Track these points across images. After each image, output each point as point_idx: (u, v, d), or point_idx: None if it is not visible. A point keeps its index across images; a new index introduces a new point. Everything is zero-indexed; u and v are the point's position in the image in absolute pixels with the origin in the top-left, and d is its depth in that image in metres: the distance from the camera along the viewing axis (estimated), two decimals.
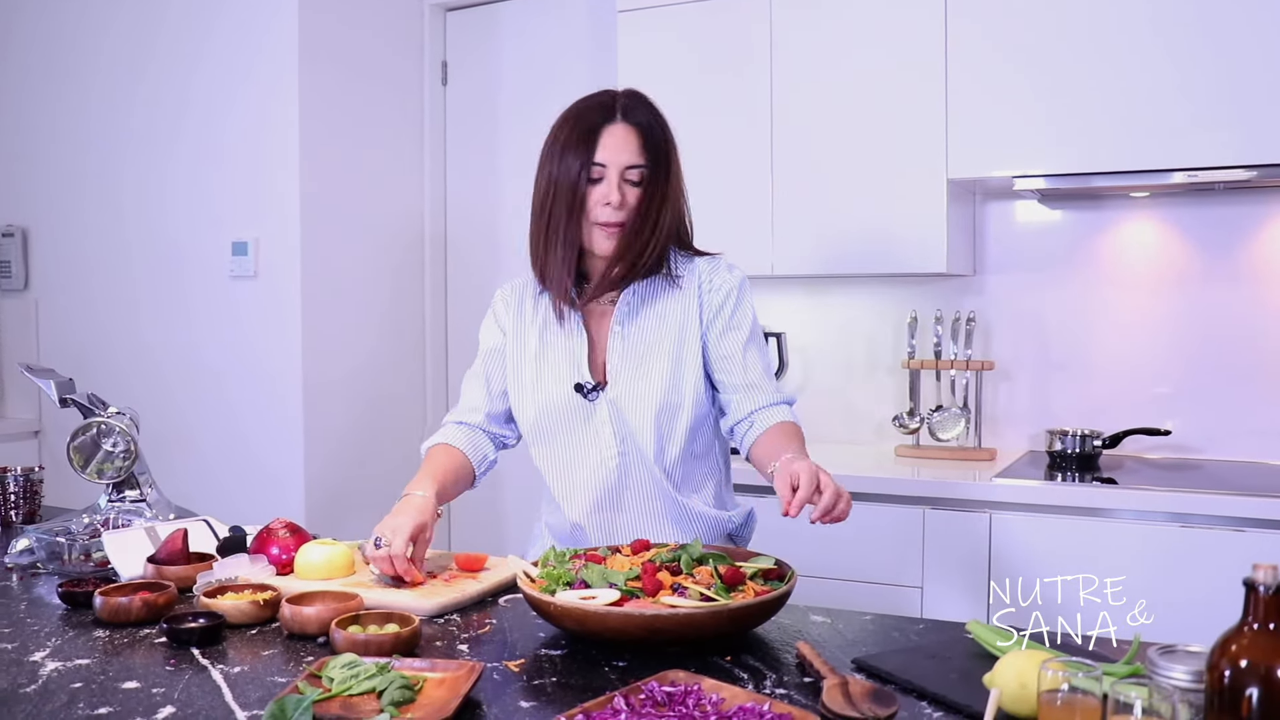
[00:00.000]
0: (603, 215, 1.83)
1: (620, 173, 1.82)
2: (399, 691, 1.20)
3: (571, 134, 1.86)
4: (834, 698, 1.18)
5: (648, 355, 1.88)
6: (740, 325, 1.90)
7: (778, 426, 1.85)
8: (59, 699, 1.25)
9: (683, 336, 1.88)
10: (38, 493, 2.26)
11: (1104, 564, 2.48)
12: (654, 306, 1.90)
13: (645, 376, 1.86)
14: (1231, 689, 0.91)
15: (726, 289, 1.91)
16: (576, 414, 1.88)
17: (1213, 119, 2.59)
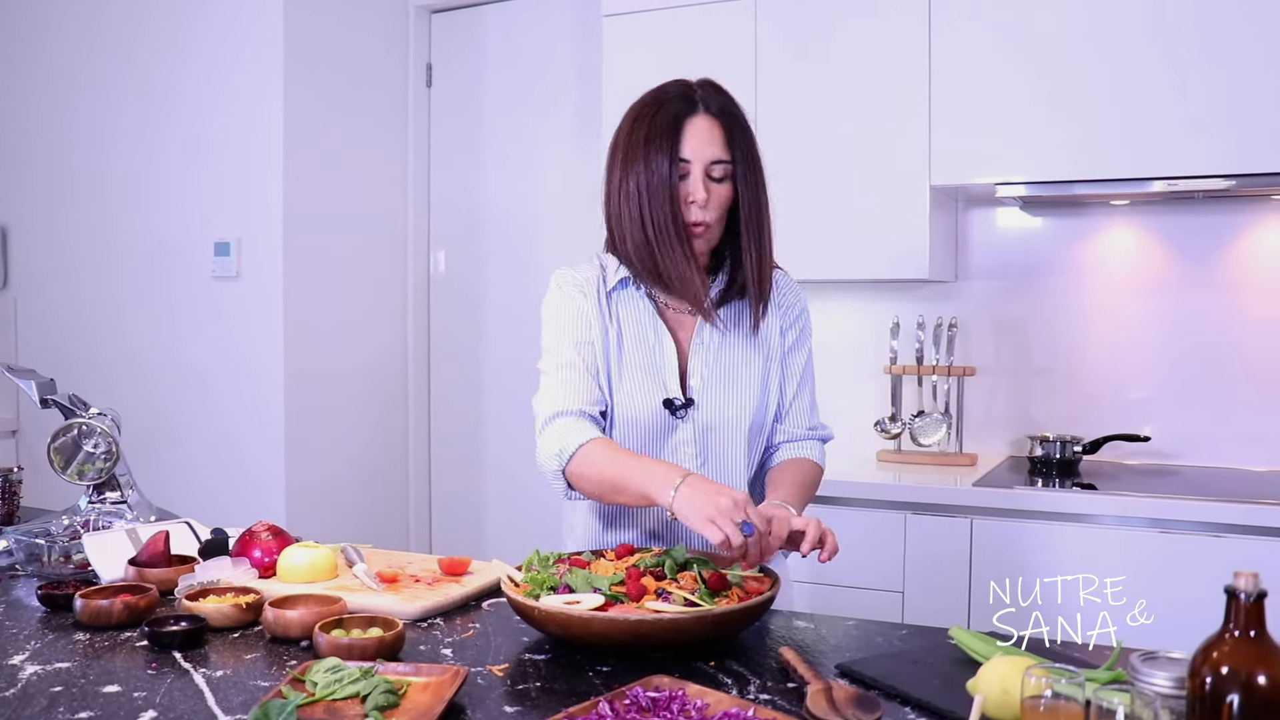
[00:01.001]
0: (693, 215, 1.71)
1: (705, 168, 1.70)
2: (383, 696, 1.20)
3: (658, 129, 1.71)
4: (818, 703, 1.18)
5: (737, 372, 1.78)
6: (804, 349, 1.87)
7: (794, 463, 1.81)
8: (38, 703, 1.24)
9: (768, 354, 1.81)
10: (16, 494, 2.24)
11: (1084, 569, 2.48)
12: (740, 323, 1.80)
13: (736, 395, 1.77)
14: (1213, 696, 0.92)
15: (800, 308, 1.87)
16: (658, 430, 1.76)
17: (1192, 128, 2.62)
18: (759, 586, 1.48)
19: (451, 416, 3.97)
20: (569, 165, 3.77)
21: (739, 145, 1.72)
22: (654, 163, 1.69)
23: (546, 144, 3.81)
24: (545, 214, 3.82)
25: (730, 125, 1.72)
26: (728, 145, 1.71)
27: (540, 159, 3.82)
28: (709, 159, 1.70)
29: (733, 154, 1.71)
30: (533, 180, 3.84)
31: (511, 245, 3.83)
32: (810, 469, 1.83)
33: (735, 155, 1.71)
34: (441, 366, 4.02)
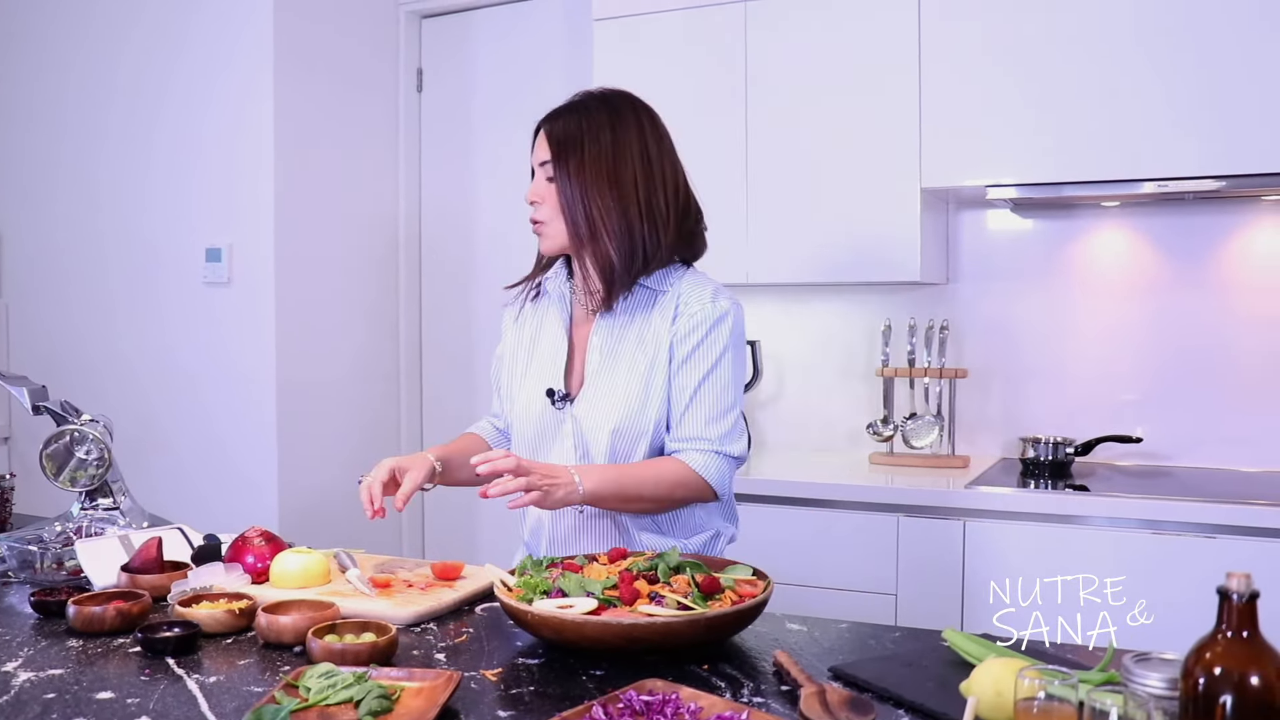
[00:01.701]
0: (530, 213, 1.89)
1: (538, 171, 1.88)
2: (376, 701, 1.20)
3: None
4: (811, 706, 1.18)
5: (618, 373, 1.83)
6: (700, 363, 1.81)
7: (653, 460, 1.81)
8: (32, 710, 1.24)
9: (653, 363, 1.82)
10: (8, 500, 2.24)
11: (1077, 570, 2.48)
12: (633, 322, 1.85)
13: (610, 394, 1.82)
14: (1206, 696, 0.92)
15: (698, 320, 1.82)
16: (548, 421, 1.87)
17: (1183, 130, 2.63)
18: (752, 590, 1.48)
19: (443, 421, 3.96)
20: None
21: (563, 150, 1.83)
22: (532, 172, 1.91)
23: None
24: None
25: (557, 131, 1.85)
26: (551, 148, 1.85)
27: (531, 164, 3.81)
28: (539, 160, 1.87)
29: (555, 159, 1.84)
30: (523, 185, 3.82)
31: (502, 249, 3.82)
32: (668, 466, 1.79)
33: (559, 156, 1.83)
34: (433, 372, 4.02)
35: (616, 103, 1.90)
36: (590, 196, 1.81)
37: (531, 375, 1.91)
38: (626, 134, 1.85)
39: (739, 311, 1.88)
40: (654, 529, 1.87)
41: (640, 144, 1.86)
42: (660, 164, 1.87)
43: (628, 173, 1.82)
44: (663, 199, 1.85)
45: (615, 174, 1.82)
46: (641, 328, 1.84)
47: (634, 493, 1.75)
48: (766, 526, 2.80)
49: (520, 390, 1.92)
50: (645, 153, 1.86)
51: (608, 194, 1.81)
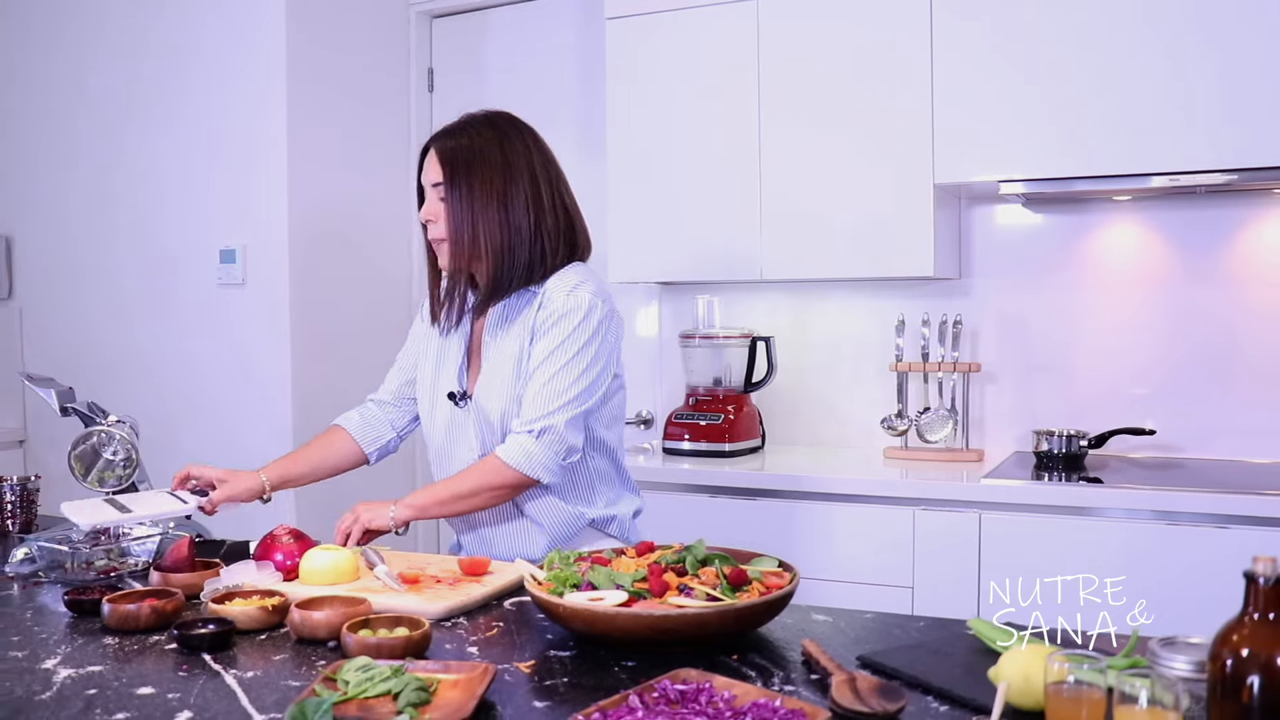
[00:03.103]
0: (427, 232, 2.00)
1: (431, 191, 1.98)
2: (415, 693, 1.22)
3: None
4: (843, 693, 1.20)
5: (500, 365, 1.98)
6: (542, 347, 1.94)
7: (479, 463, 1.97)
8: (75, 705, 1.26)
9: (522, 350, 1.97)
10: (34, 502, 2.26)
11: (1092, 562, 2.52)
12: (514, 319, 2.00)
13: (494, 386, 1.98)
14: (1233, 678, 0.94)
15: (551, 309, 1.95)
16: (454, 419, 2.04)
17: (1194, 124, 2.64)
18: (779, 581, 1.50)
19: None
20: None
21: (453, 169, 1.95)
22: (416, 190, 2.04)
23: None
24: None
25: (446, 152, 1.97)
26: (442, 167, 1.96)
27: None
28: (431, 182, 1.98)
29: (446, 178, 1.96)
30: None
31: None
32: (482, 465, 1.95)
33: (452, 178, 1.95)
34: None
35: (503, 124, 2.02)
36: (480, 217, 1.95)
37: (442, 378, 2.07)
38: (515, 156, 1.98)
39: (598, 305, 1.96)
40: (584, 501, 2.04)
41: (529, 165, 1.99)
42: (548, 183, 2.01)
43: (519, 194, 1.96)
44: (550, 218, 1.99)
45: (505, 195, 1.95)
46: (521, 319, 1.99)
47: (450, 495, 1.94)
48: (783, 521, 2.83)
49: (433, 391, 2.08)
50: (533, 174, 1.99)
51: (496, 215, 1.95)
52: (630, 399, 3.71)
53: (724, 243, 3.18)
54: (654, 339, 3.69)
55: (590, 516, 2.03)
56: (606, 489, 2.07)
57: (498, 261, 1.95)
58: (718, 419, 3.20)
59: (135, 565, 1.92)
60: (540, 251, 1.97)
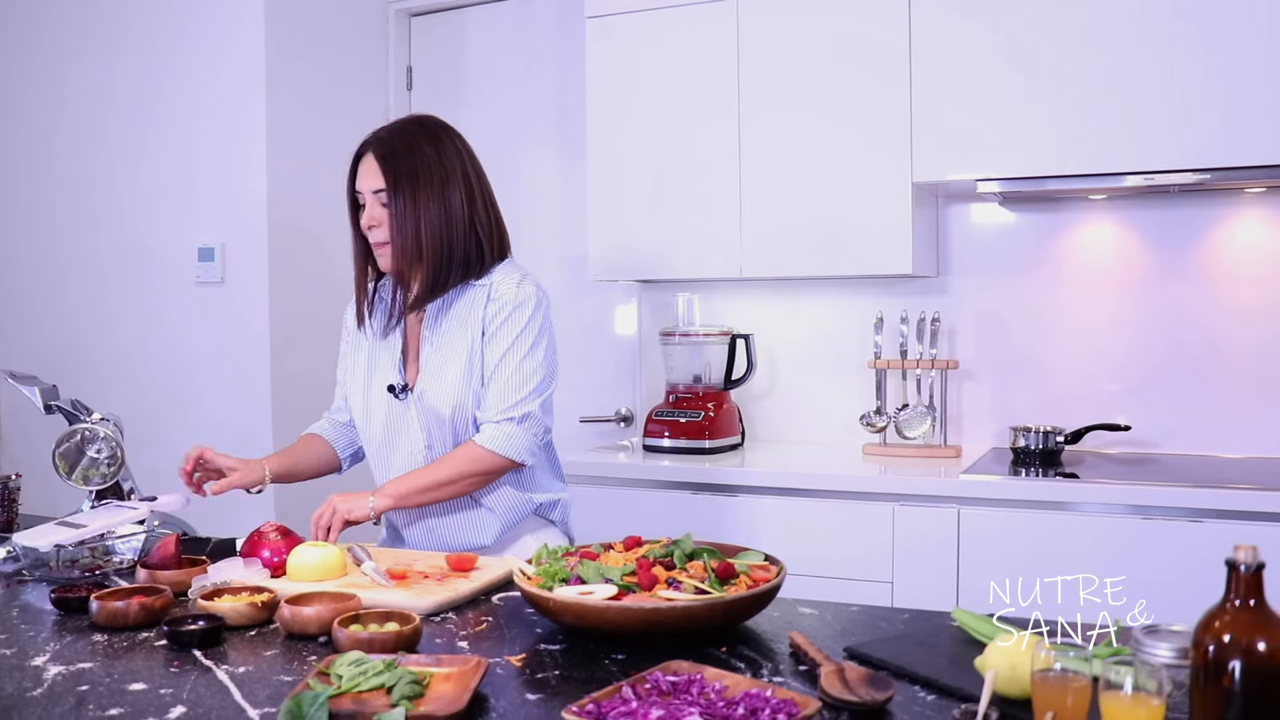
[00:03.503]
0: (370, 237, 2.03)
1: (372, 198, 2.01)
2: (408, 687, 1.22)
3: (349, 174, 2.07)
4: (832, 683, 1.22)
5: (447, 359, 2.04)
6: (502, 338, 2.02)
7: (455, 451, 2.02)
8: (67, 701, 1.26)
9: (474, 342, 2.04)
10: (15, 500, 2.25)
11: (1069, 556, 2.55)
12: (457, 314, 2.06)
13: (443, 379, 2.03)
14: (1216, 663, 0.97)
15: (503, 301, 2.03)
16: (394, 413, 2.08)
17: (1168, 123, 2.68)
18: (766, 575, 1.52)
19: None
20: (550, 167, 3.81)
21: (394, 174, 1.99)
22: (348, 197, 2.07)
23: (528, 147, 3.84)
24: (525, 216, 3.84)
25: (386, 159, 2.00)
26: (384, 175, 2.00)
27: (522, 162, 3.85)
28: (371, 188, 2.01)
29: (387, 184, 1.99)
30: (509, 180, 3.86)
31: None
32: (461, 452, 2.02)
33: (395, 185, 1.99)
34: None
35: (434, 128, 2.08)
36: (423, 220, 2.00)
37: (375, 375, 2.11)
38: (449, 158, 2.04)
39: (543, 296, 2.08)
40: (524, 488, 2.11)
41: (461, 166, 2.05)
42: (478, 183, 2.07)
43: (455, 195, 2.03)
44: (483, 215, 2.07)
45: (444, 197, 2.02)
46: (465, 315, 2.05)
47: (431, 483, 1.99)
48: (763, 517, 2.85)
49: (368, 388, 2.12)
50: (466, 174, 2.05)
51: (437, 216, 2.01)
52: (609, 396, 3.73)
53: (704, 241, 3.20)
54: (633, 337, 3.70)
55: (538, 502, 2.13)
56: (545, 477, 2.17)
57: (438, 261, 2.01)
58: (698, 416, 3.21)
59: (120, 563, 1.92)
60: (476, 248, 2.05)
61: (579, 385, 3.72)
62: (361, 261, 2.11)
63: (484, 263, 2.06)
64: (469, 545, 2.07)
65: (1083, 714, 1.06)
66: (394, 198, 1.99)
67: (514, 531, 2.12)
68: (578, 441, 3.62)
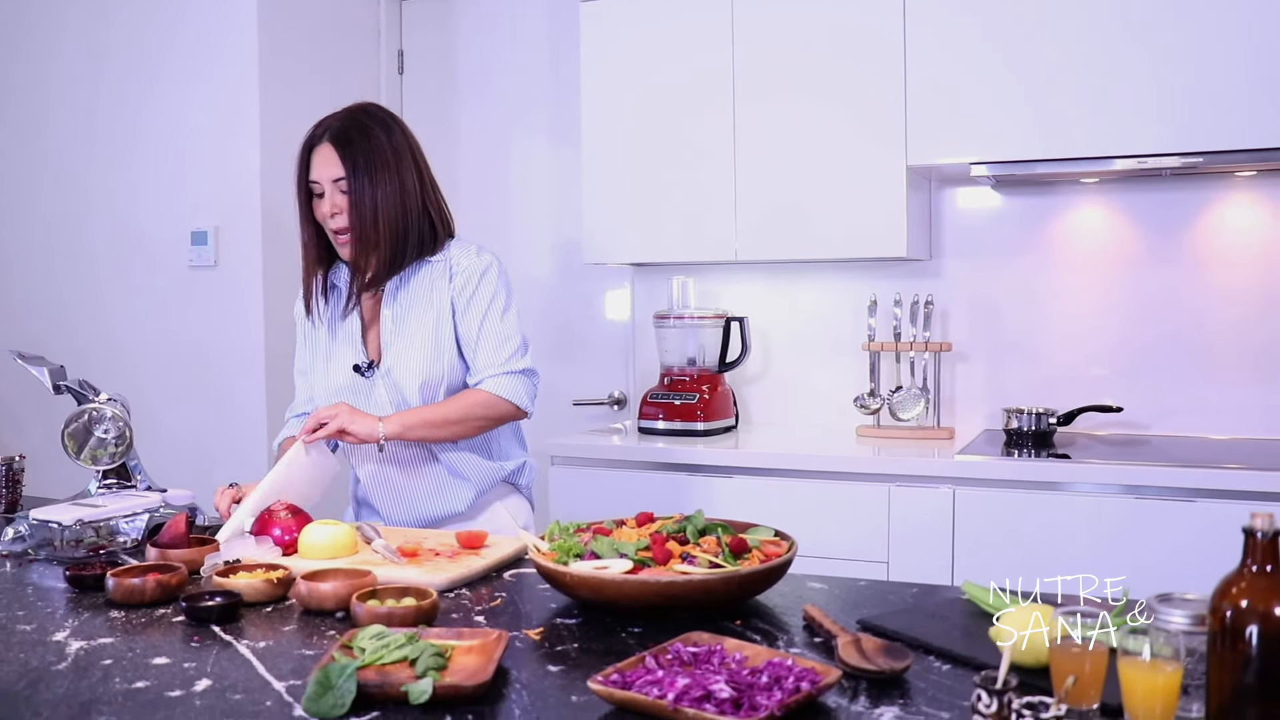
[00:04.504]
0: (331, 224, 2.07)
1: (332, 186, 2.05)
2: (433, 659, 1.24)
3: (298, 163, 2.11)
4: (850, 653, 1.24)
5: (412, 334, 2.10)
6: (477, 304, 2.11)
7: (454, 397, 2.10)
8: (94, 674, 1.27)
9: (439, 317, 2.11)
10: (19, 482, 2.25)
11: (1063, 535, 2.59)
12: (416, 290, 2.12)
13: (410, 354, 2.10)
14: (1233, 629, 0.99)
15: (469, 273, 2.12)
16: (360, 391, 2.13)
17: (1159, 107, 2.71)
18: (777, 550, 1.54)
19: None
20: (543, 151, 3.81)
21: (353, 161, 2.04)
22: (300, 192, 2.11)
23: (521, 130, 3.84)
24: (517, 200, 3.85)
25: (343, 146, 2.05)
26: (342, 161, 2.05)
27: (514, 146, 3.85)
28: (330, 177, 2.05)
29: (346, 169, 2.04)
30: (504, 167, 3.88)
31: (482, 232, 3.85)
32: (467, 395, 2.10)
33: (354, 172, 2.04)
34: None
35: (380, 115, 2.14)
36: (381, 206, 2.06)
37: (335, 355, 2.16)
38: (399, 143, 2.11)
39: (500, 262, 2.18)
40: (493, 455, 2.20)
41: (410, 150, 2.12)
42: (425, 166, 2.16)
43: (409, 179, 2.10)
44: (432, 196, 2.15)
45: (400, 181, 2.08)
46: (426, 292, 2.12)
47: (440, 419, 2.05)
48: (757, 498, 2.87)
49: (328, 370, 2.16)
50: (414, 158, 2.13)
51: (394, 201, 2.07)
52: (603, 379, 3.75)
53: (698, 224, 3.21)
54: (626, 321, 3.71)
55: (509, 469, 2.22)
56: (510, 445, 2.26)
57: (396, 241, 2.07)
58: (692, 398, 3.23)
59: (125, 543, 1.92)
60: (429, 227, 2.13)
61: (572, 369, 3.74)
62: (312, 252, 2.16)
63: (436, 240, 2.14)
64: (444, 513, 2.15)
65: (1100, 681, 1.08)
66: (354, 185, 2.04)
67: (484, 499, 2.19)
68: (571, 424, 3.63)
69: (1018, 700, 0.98)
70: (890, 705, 1.15)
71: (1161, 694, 1.02)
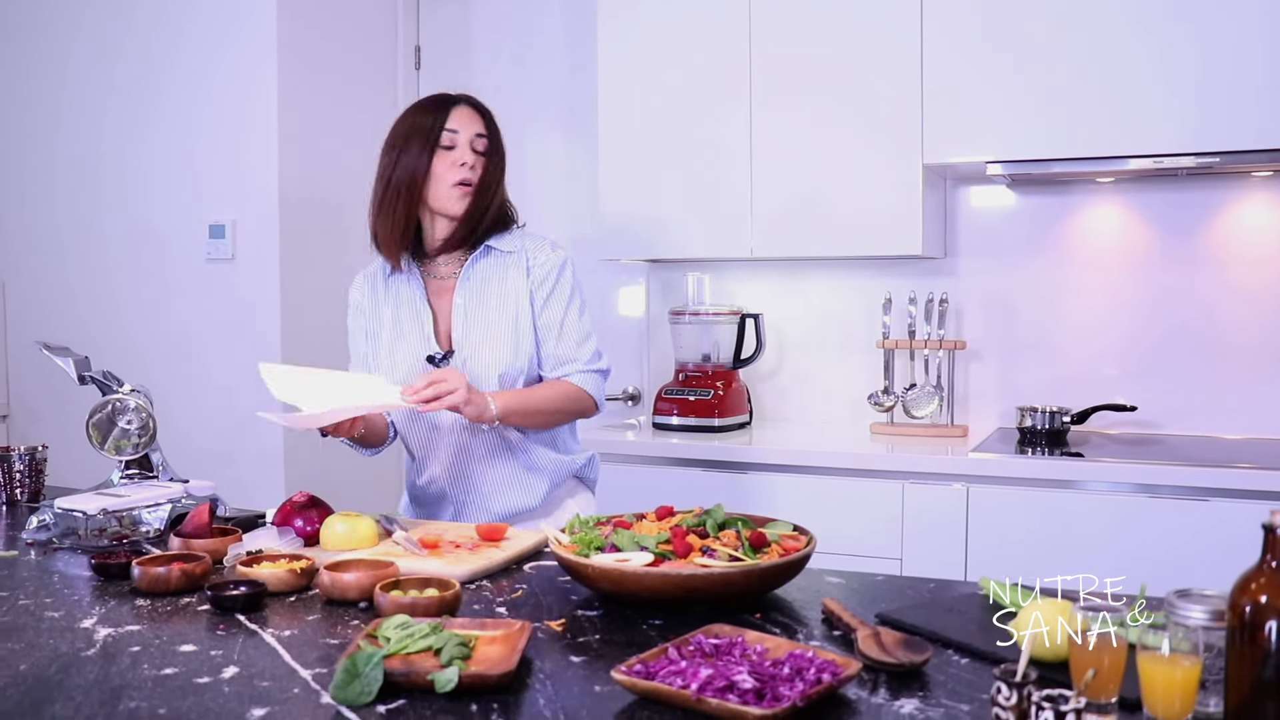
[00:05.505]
0: (460, 175, 2.09)
1: (470, 140, 2.11)
2: (457, 648, 1.26)
3: (418, 116, 2.13)
4: (870, 646, 1.26)
5: (490, 325, 2.12)
6: (558, 300, 2.15)
7: (543, 383, 2.13)
8: (122, 661, 1.29)
9: (518, 308, 2.13)
10: (42, 472, 2.28)
11: (1077, 533, 2.60)
12: (488, 280, 2.15)
13: (488, 344, 2.11)
14: (1252, 624, 1.00)
15: (547, 267, 2.16)
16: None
17: (1176, 107, 2.72)
18: (795, 544, 1.55)
19: None
20: (558, 147, 3.83)
21: (494, 130, 2.16)
22: (413, 146, 2.10)
23: (536, 126, 3.86)
24: (532, 195, 3.87)
25: (486, 114, 2.16)
26: (485, 126, 2.15)
27: (528, 141, 3.86)
28: (474, 131, 2.12)
29: (489, 134, 2.14)
30: (519, 162, 3.87)
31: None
32: (558, 385, 2.13)
33: (491, 135, 2.14)
34: None
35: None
36: (501, 169, 2.17)
37: (401, 347, 2.16)
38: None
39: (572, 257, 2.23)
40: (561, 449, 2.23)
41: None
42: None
43: (504, 161, 2.20)
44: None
45: (503, 159, 2.19)
46: (500, 285, 2.14)
47: (535, 408, 2.08)
48: (772, 494, 2.89)
49: (394, 361, 2.16)
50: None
51: (502, 173, 2.19)
52: (617, 375, 3.76)
53: (714, 221, 3.22)
54: (640, 317, 3.73)
55: (580, 462, 2.26)
56: (572, 440, 2.30)
57: (495, 210, 2.16)
58: (707, 395, 3.25)
59: (147, 533, 1.94)
60: (505, 211, 2.21)
61: None
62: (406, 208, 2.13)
63: (506, 225, 2.20)
64: (517, 509, 2.15)
65: (1119, 675, 1.09)
66: (492, 143, 2.13)
67: (556, 494, 2.22)
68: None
69: (1037, 693, 0.99)
70: (910, 698, 1.16)
71: (1180, 688, 1.04)
